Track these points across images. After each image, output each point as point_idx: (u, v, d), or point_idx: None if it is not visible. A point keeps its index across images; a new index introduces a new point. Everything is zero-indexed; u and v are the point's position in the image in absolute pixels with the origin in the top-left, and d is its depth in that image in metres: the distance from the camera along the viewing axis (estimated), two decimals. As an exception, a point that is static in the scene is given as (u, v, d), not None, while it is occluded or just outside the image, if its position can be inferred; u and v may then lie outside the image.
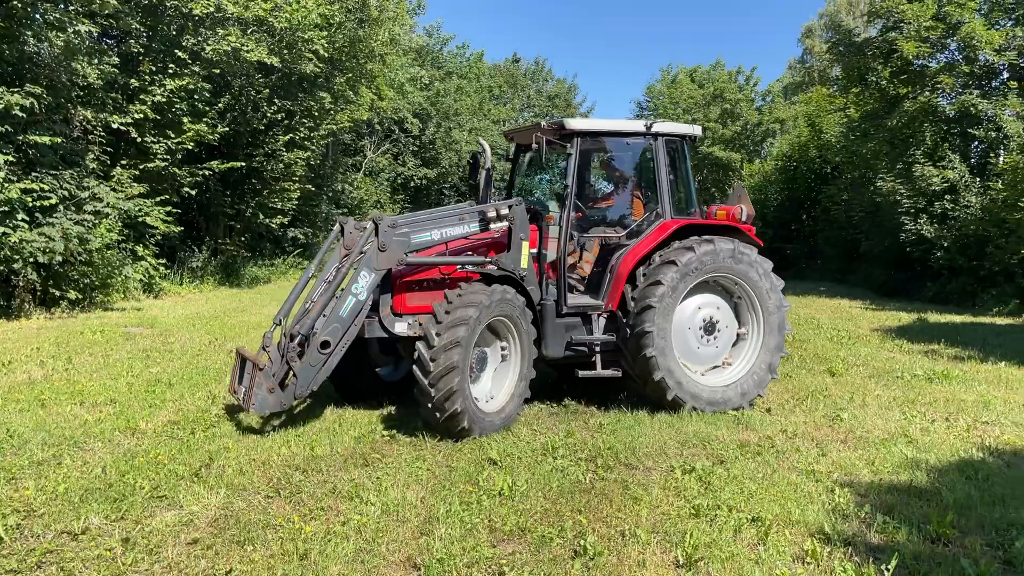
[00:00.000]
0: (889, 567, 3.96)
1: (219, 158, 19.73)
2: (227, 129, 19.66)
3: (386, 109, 34.91)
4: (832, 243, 28.50)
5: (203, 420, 6.81)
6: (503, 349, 7.00)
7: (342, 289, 6.61)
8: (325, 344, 6.35)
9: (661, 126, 7.95)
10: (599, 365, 7.57)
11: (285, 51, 19.92)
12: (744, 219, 7.83)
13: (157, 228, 16.44)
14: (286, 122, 21.91)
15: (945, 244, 19.80)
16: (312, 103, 22.61)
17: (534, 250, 7.48)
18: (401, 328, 6.95)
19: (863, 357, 10.77)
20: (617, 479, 5.46)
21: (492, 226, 7.18)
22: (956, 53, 20.86)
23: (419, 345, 6.32)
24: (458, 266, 7.28)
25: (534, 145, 7.28)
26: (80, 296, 13.94)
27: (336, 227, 7.07)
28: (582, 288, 8.04)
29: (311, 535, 4.36)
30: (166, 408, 7.22)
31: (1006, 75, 20.81)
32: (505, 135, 9.04)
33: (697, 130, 8.43)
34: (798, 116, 40.15)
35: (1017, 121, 19.07)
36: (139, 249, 16.65)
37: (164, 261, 18.08)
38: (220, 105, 18.99)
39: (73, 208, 13.76)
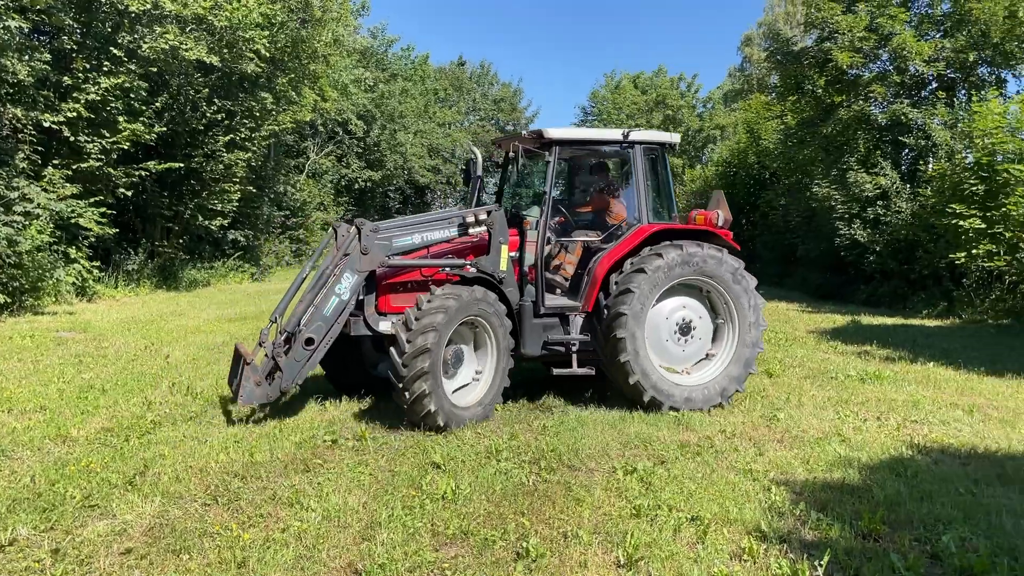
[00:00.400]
0: (822, 563, 4.07)
1: (156, 158, 19.25)
2: (165, 129, 19.20)
3: (329, 110, 34.55)
4: (770, 247, 29.13)
5: (138, 427, 6.65)
6: (480, 347, 7.36)
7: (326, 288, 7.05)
8: (309, 341, 6.84)
9: (637, 134, 8.15)
10: (575, 363, 7.85)
11: (225, 50, 19.54)
12: (720, 224, 8.08)
13: (91, 230, 15.97)
14: (226, 122, 21.49)
15: (877, 248, 20.43)
16: (253, 103, 22.23)
17: (515, 253, 7.81)
18: (384, 327, 7.29)
19: (799, 358, 11.03)
20: (560, 481, 5.51)
21: (471, 231, 7.60)
22: (888, 63, 21.53)
23: (392, 350, 6.67)
24: (440, 268, 7.66)
25: (510, 154, 7.66)
26: (9, 300, 13.45)
27: (331, 230, 7.56)
28: (567, 289, 8.30)
29: (249, 543, 4.29)
30: (99, 415, 7.03)
31: (934, 85, 21.60)
32: (493, 143, 9.27)
33: (675, 138, 8.70)
34: (738, 123, 40.97)
35: (945, 130, 19.78)
36: (72, 251, 16.13)
37: (98, 264, 17.54)
38: (157, 104, 18.54)
39: (1, 209, 13.28)
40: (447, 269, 7.66)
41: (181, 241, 22.62)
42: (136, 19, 17.42)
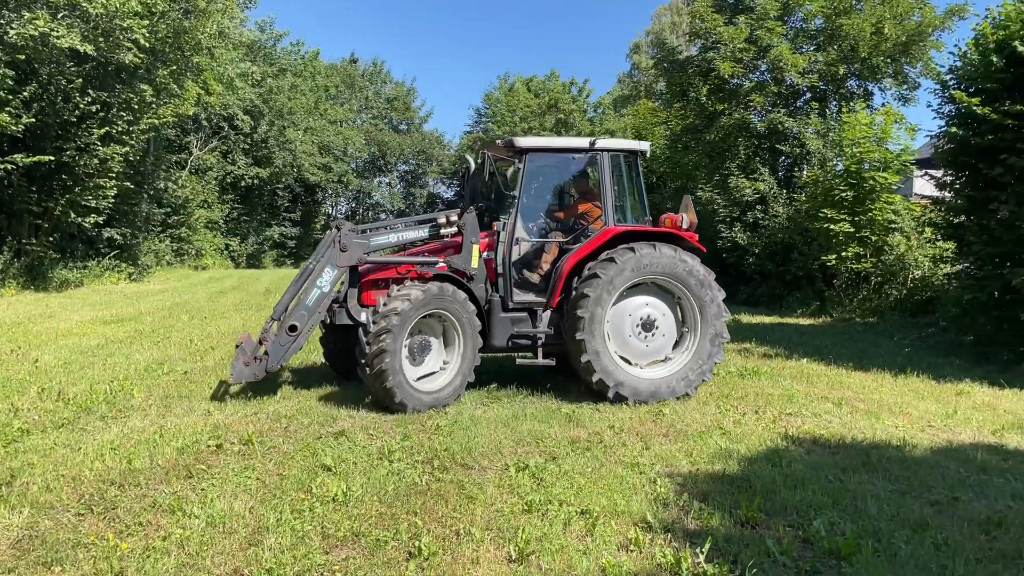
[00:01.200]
0: (703, 550, 4.24)
1: (24, 151, 18.12)
2: (33, 120, 18.10)
3: (214, 105, 33.39)
4: (657, 249, 30.00)
5: (4, 435, 6.25)
6: (448, 339, 8.02)
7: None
8: (293, 327, 7.80)
9: (604, 142, 8.69)
10: (540, 355, 8.41)
11: (101, 39, 18.58)
12: (685, 226, 8.52)
13: (-51, 226, 14.88)
14: (101, 115, 20.41)
15: (756, 251, 21.44)
16: (131, 95, 21.22)
17: (491, 252, 8.47)
18: (364, 317, 7.78)
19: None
20: (453, 480, 5.51)
21: (443, 231, 8.42)
22: (766, 74, 22.61)
23: (360, 332, 7.49)
24: (417, 266, 8.33)
25: (476, 160, 8.28)
26: None
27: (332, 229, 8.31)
28: (540, 286, 8.74)
29: (127, 552, 4.11)
30: (-41, 424, 6.55)
31: (808, 96, 22.84)
32: (475, 149, 9.52)
33: (643, 146, 9.16)
34: (627, 128, 42.02)
35: (817, 138, 20.95)
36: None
37: (-42, 263, 16.37)
38: (25, 94, 17.46)
39: None
40: (421, 267, 8.31)
41: (51, 239, 21.39)
42: (2, 3, 16.33)
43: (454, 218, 8.32)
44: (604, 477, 5.62)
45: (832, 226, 17.36)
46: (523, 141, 8.52)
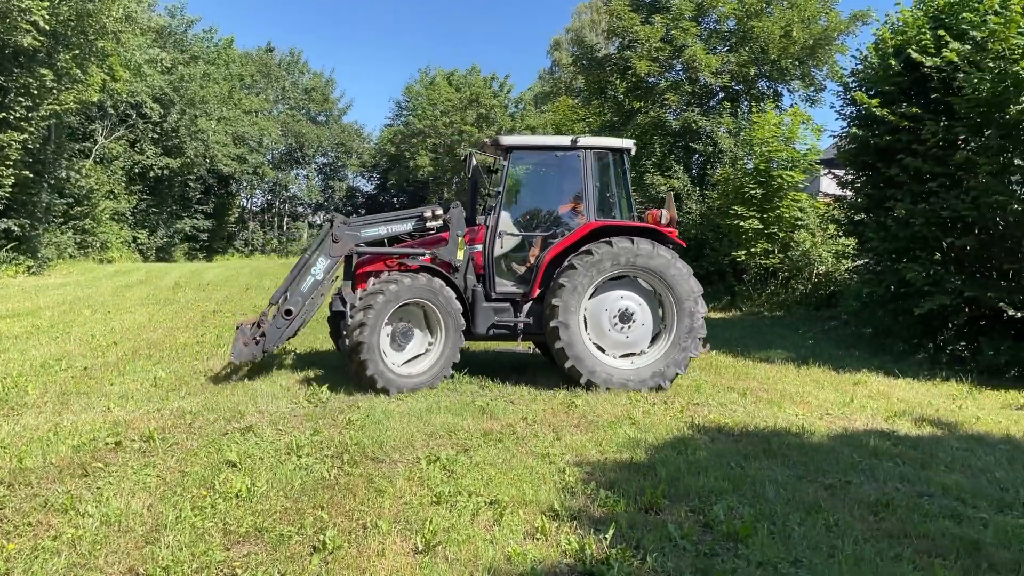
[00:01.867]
0: (607, 536, 4.32)
1: (-92, 136, 17.06)
2: (-81, 103, 17.05)
3: (121, 91, 32.07)
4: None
5: None
6: (431, 326, 8.48)
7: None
8: (288, 312, 8.42)
9: (585, 140, 9.01)
10: (519, 340, 9.02)
11: (-4, 19, 17.63)
12: (664, 222, 8.78)
13: None
14: (-3, 99, 19.39)
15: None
16: (30, 80, 20.23)
17: (479, 246, 8.88)
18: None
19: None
20: (363, 473, 5.46)
21: (428, 225, 8.91)
22: (681, 73, 23.13)
23: (344, 319, 8.19)
24: (408, 258, 8.83)
25: (462, 158, 8.53)
26: None
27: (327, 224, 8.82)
28: (525, 278, 9.10)
29: (14, 553, 3.93)
30: None
31: (721, 96, 23.45)
32: (476, 146, 9.69)
33: (626, 143, 9.32)
34: (547, 124, 42.32)
35: (729, 137, 21.53)
36: None
37: None
38: (-90, 75, 16.43)
39: None
40: (410, 259, 8.80)
41: (-59, 230, 20.19)
42: None
43: (439, 212, 8.90)
44: (515, 468, 5.66)
45: (742, 223, 17.91)
46: (507, 139, 9.05)
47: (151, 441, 6.00)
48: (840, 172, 14.49)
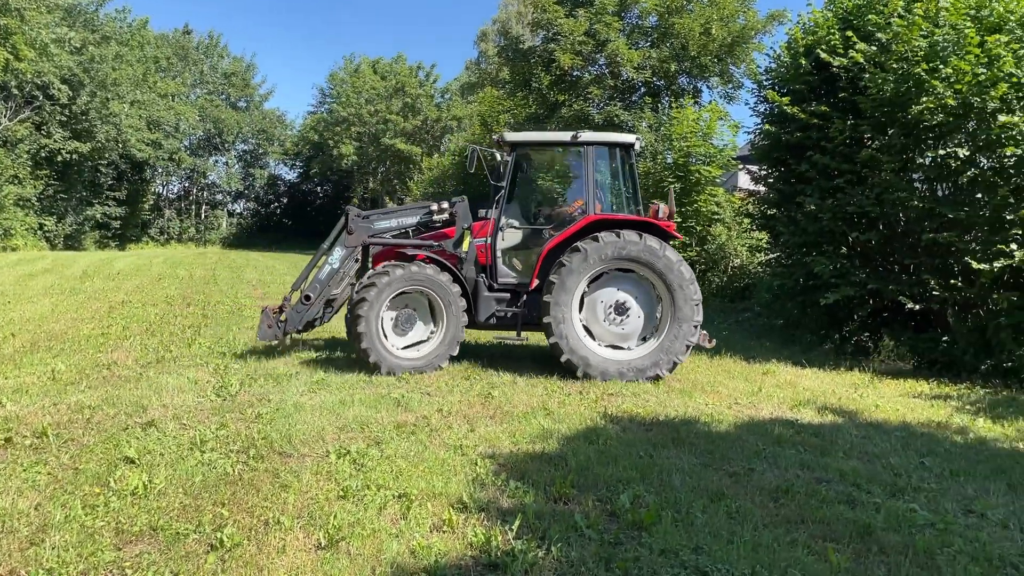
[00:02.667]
0: (514, 527, 4.33)
1: None
2: None
3: (26, 72, 30.54)
4: (501, 235, 30.37)
5: None
6: (435, 312, 8.97)
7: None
8: (307, 297, 9.20)
9: (587, 136, 9.26)
10: (518, 331, 9.35)
11: None
12: (661, 215, 9.01)
13: None
14: None
15: (592, 239, 22.13)
16: (-78, 56, 19.04)
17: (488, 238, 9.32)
18: None
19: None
20: (268, 468, 5.33)
21: (435, 218, 9.50)
22: (604, 68, 23.36)
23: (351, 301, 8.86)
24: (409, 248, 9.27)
25: (466, 154, 9.14)
26: None
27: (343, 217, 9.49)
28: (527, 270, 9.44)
29: None
30: None
31: (643, 91, 23.79)
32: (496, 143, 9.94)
33: (629, 139, 9.55)
34: (473, 115, 42.21)
35: (650, 132, 21.84)
36: None
37: None
38: None
39: None
40: (419, 249, 9.21)
41: None
42: None
43: (445, 206, 9.46)
44: (426, 460, 5.61)
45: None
46: (511, 136, 9.55)
47: (44, 437, 5.73)
48: (755, 168, 14.86)
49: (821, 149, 11.75)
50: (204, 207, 56.87)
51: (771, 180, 13.90)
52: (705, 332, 9.36)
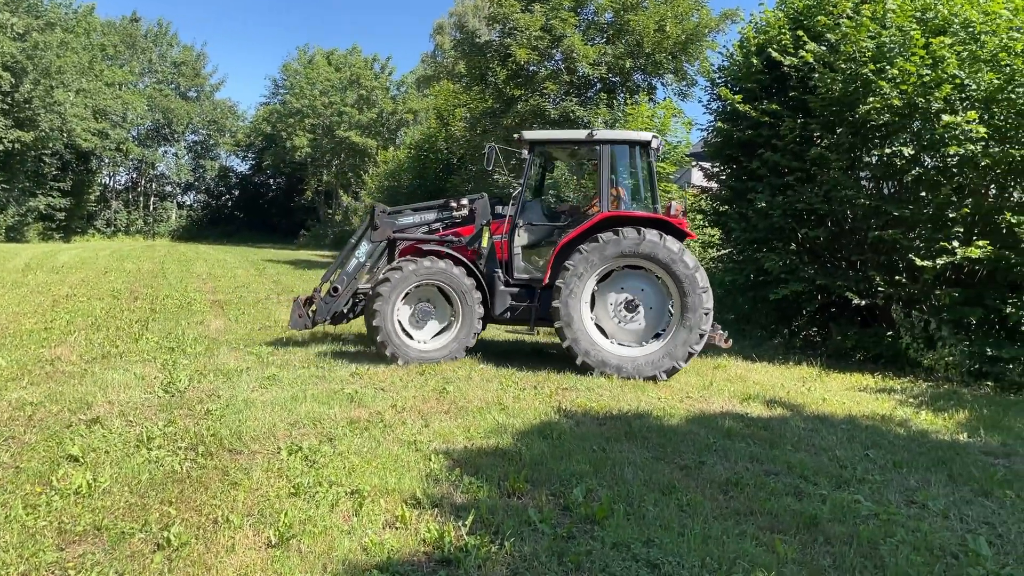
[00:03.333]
0: (467, 523, 4.32)
1: None
2: None
3: (-37, 57, 29.50)
4: (456, 230, 30.29)
5: None
6: (453, 306, 9.26)
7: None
8: (335, 289, 9.68)
9: (602, 134, 9.36)
10: (531, 324, 9.53)
11: None
12: (673, 213, 9.14)
13: None
14: None
15: (548, 234, 22.18)
16: None
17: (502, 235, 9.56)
18: None
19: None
20: (217, 466, 5.24)
21: (455, 215, 9.84)
22: (560, 63, 23.37)
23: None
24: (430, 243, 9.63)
25: (484, 152, 9.56)
26: None
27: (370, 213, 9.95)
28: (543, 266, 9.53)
29: None
30: None
31: (598, 87, 23.86)
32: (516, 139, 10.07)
33: (645, 136, 9.50)
34: (429, 108, 41.95)
35: (606, 128, 21.97)
36: None
37: None
38: None
39: None
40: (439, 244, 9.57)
41: None
42: None
43: (464, 202, 9.79)
44: (379, 456, 5.57)
45: (616, 211, 18.31)
46: (530, 134, 9.74)
47: (-16, 436, 5.56)
48: (707, 165, 15.05)
49: (772, 147, 11.95)
50: (153, 199, 55.66)
51: (723, 177, 14.10)
52: (723, 332, 9.56)
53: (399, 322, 9.15)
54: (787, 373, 10.17)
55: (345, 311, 9.98)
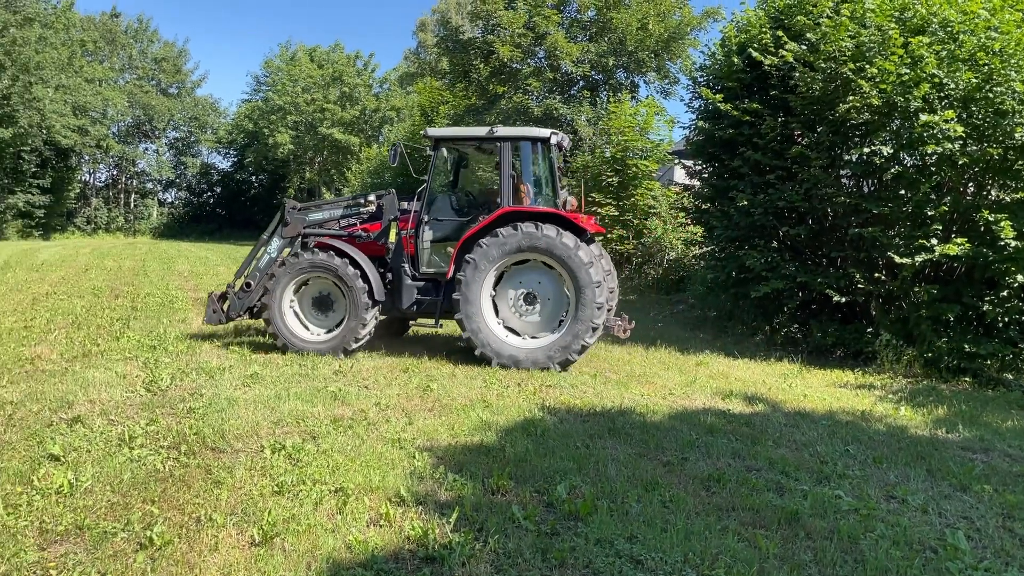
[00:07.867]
0: (451, 520, 4.34)
1: None
2: None
3: (-61, 52, 29.09)
4: (440, 228, 30.27)
5: None
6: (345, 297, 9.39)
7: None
8: (248, 285, 9.82)
9: (502, 130, 9.56)
10: (436, 317, 9.64)
11: None
12: (568, 208, 9.50)
13: None
14: None
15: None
16: None
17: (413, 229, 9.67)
18: None
19: (456, 333, 11.61)
20: (200, 464, 5.22)
21: (362, 210, 10.04)
22: (543, 60, 23.42)
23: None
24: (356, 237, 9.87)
25: (389, 148, 9.80)
26: None
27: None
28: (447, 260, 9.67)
29: None
30: None
31: (581, 84, 23.93)
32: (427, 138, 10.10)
33: (543, 133, 9.61)
34: (413, 105, 41.84)
35: (589, 126, 22.02)
36: None
37: None
38: None
39: None
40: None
41: None
42: None
43: (372, 198, 9.96)
44: (364, 455, 5.57)
45: (599, 210, 18.39)
46: (433, 131, 9.88)
47: (-38, 436, 5.51)
48: (689, 163, 15.12)
49: (753, 145, 12.02)
50: (134, 196, 55.11)
51: (705, 175, 14.17)
52: (623, 321, 9.57)
53: (293, 313, 9.48)
54: (768, 370, 10.25)
55: (258, 306, 10.04)
